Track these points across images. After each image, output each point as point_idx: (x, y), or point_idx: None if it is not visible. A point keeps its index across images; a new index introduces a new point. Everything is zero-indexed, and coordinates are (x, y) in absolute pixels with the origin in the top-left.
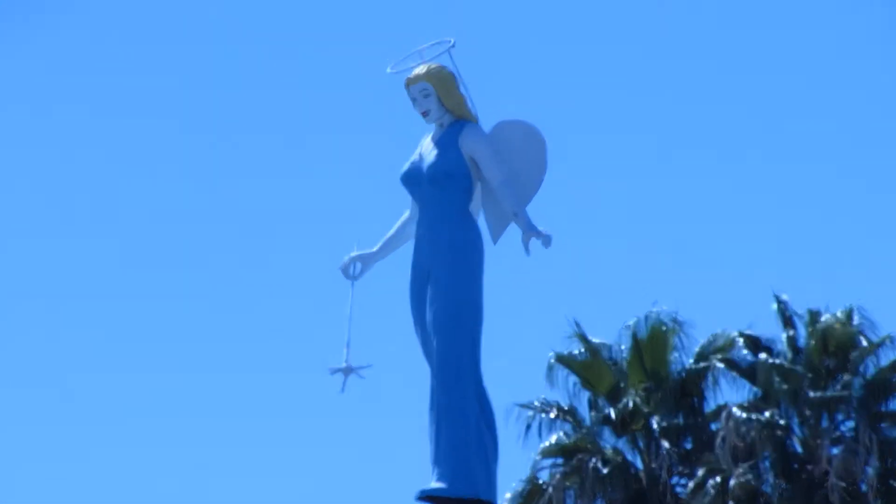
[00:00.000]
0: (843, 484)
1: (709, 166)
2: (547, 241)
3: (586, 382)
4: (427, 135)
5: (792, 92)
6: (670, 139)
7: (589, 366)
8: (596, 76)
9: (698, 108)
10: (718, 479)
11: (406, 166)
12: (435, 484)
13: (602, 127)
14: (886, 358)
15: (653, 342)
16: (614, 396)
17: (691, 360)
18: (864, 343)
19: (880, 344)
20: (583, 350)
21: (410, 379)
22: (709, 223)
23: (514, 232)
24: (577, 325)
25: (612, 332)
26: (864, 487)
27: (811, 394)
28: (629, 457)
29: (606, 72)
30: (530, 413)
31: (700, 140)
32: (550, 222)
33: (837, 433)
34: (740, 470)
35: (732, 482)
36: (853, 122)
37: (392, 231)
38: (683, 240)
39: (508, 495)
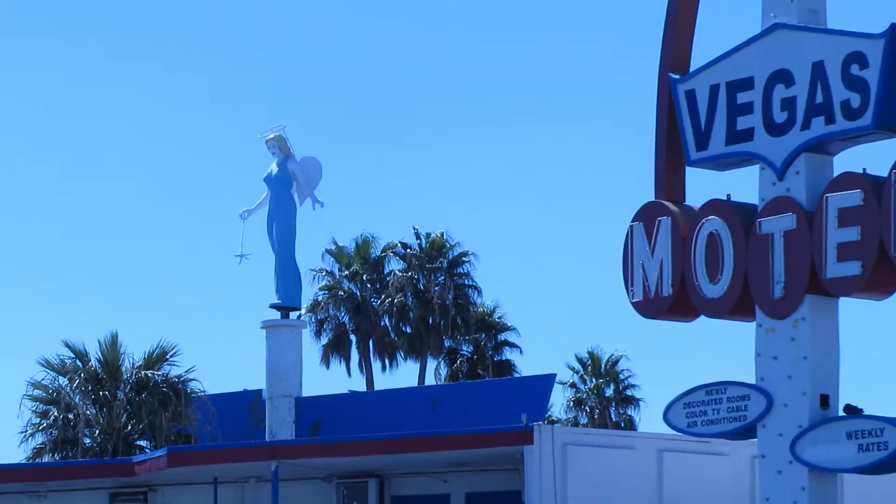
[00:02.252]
0: (440, 301)
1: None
2: (322, 205)
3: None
4: (273, 161)
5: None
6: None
7: (338, 254)
8: None
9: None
10: (390, 300)
11: (265, 174)
12: (276, 301)
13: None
14: (454, 253)
15: (362, 248)
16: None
17: (379, 252)
18: (448, 246)
19: (454, 246)
20: (337, 245)
21: (267, 261)
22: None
23: (308, 203)
24: (335, 240)
25: (346, 241)
26: (448, 302)
27: (427, 266)
28: (356, 291)
29: None
30: (314, 272)
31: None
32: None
33: (437, 284)
34: (399, 296)
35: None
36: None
37: (260, 199)
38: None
39: (306, 305)
